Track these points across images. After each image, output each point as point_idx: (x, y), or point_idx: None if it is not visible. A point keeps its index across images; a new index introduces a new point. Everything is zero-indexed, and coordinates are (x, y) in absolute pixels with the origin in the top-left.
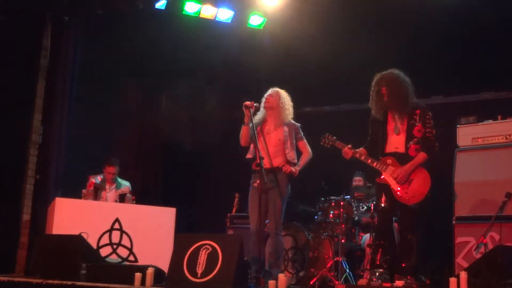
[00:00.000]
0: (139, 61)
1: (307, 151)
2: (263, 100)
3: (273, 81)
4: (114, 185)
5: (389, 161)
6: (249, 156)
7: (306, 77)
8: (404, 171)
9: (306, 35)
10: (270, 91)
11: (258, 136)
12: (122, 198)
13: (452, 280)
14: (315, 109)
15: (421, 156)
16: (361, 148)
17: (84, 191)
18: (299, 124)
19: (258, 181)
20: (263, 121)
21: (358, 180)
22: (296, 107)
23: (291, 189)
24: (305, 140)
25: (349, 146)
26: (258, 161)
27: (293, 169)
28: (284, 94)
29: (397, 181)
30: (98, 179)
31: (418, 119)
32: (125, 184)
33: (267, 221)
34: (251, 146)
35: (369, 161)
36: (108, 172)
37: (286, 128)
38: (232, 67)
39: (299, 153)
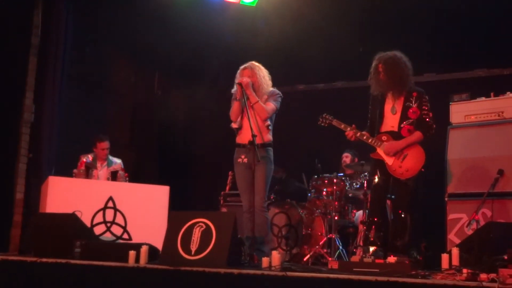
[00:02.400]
0: (131, 39)
1: (267, 109)
2: (238, 76)
3: (266, 59)
4: (105, 163)
5: (384, 137)
6: (234, 126)
7: (299, 55)
8: (395, 145)
9: (299, 12)
10: (243, 66)
11: (250, 112)
12: (114, 176)
13: (444, 256)
14: (308, 87)
15: (416, 134)
16: (363, 132)
17: (75, 170)
18: (279, 92)
19: (242, 156)
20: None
21: (345, 157)
22: (289, 85)
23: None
24: (273, 105)
25: (353, 126)
26: (250, 138)
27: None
28: (259, 65)
29: (385, 153)
30: (89, 158)
31: (414, 101)
32: (117, 162)
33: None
34: (239, 118)
35: (365, 137)
36: (101, 148)
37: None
38: (224, 45)
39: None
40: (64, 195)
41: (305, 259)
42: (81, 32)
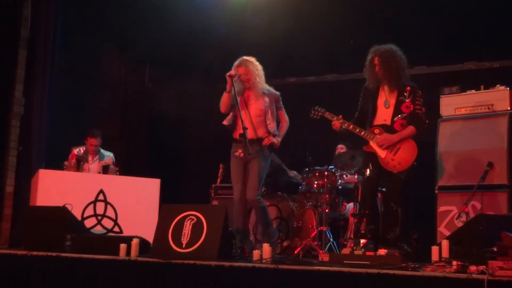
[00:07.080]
0: (122, 31)
1: (286, 120)
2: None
3: (257, 52)
4: (97, 156)
5: (376, 131)
6: (225, 122)
7: (290, 48)
8: (389, 137)
9: (290, 6)
10: (238, 63)
11: (242, 107)
12: (105, 170)
13: (434, 249)
14: (299, 80)
15: (410, 129)
16: (351, 123)
17: (66, 163)
18: (279, 93)
19: (239, 151)
20: (243, 92)
21: (340, 148)
22: (280, 77)
23: (278, 159)
24: (283, 109)
25: (339, 116)
26: (242, 131)
27: (274, 140)
28: (253, 61)
29: (379, 145)
30: (80, 151)
31: (408, 95)
32: (108, 155)
33: None
34: (230, 113)
35: (357, 130)
36: (90, 144)
37: (267, 99)
38: (216, 37)
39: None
40: (55, 188)
41: (296, 251)
42: (71, 24)
